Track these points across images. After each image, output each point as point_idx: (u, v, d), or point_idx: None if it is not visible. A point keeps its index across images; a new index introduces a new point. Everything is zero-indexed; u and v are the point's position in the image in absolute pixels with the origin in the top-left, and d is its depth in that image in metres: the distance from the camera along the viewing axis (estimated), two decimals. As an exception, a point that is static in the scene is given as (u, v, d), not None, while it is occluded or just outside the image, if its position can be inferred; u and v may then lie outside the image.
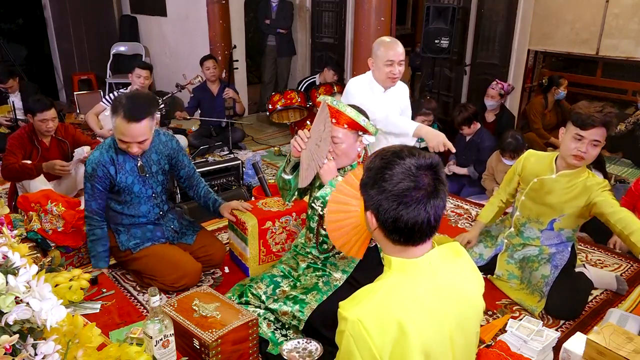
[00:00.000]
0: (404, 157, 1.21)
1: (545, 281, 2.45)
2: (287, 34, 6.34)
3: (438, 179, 1.21)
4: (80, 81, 6.96)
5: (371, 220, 1.26)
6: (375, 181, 1.22)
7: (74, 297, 2.29)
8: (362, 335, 1.16)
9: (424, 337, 1.18)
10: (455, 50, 5.32)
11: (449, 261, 1.31)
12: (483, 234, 2.79)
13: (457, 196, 3.95)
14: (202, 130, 5.25)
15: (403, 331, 1.16)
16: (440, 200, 1.21)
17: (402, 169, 1.20)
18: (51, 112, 3.36)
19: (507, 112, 4.79)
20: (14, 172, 3.28)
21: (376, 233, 1.29)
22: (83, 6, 6.91)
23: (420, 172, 1.20)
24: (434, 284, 1.25)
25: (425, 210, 1.19)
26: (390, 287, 1.23)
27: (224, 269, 2.81)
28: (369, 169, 1.26)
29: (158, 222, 2.63)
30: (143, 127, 2.34)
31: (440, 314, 1.23)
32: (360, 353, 1.17)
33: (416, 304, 1.20)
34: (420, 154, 1.23)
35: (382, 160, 1.23)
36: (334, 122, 2.09)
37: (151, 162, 2.56)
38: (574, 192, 2.38)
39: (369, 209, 1.26)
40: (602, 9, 4.77)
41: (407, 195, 1.18)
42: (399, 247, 1.26)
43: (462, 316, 1.28)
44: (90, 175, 2.46)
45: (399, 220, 1.20)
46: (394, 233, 1.23)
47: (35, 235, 2.63)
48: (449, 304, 1.25)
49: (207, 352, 1.83)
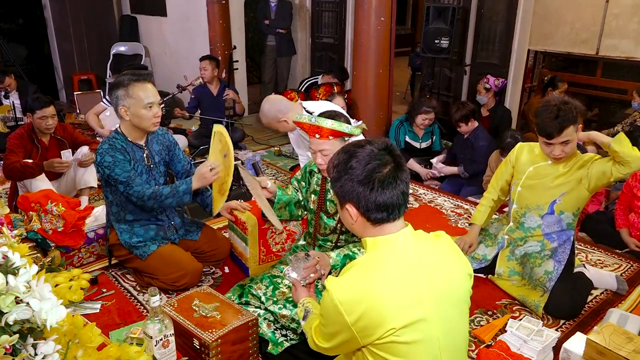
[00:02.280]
0: (363, 145, 1.37)
1: (548, 277, 2.46)
2: (287, 33, 6.34)
3: (397, 155, 1.37)
4: (80, 81, 6.96)
5: (352, 212, 1.37)
6: (345, 172, 1.35)
7: (74, 297, 2.30)
8: (336, 305, 1.29)
9: (395, 307, 1.27)
10: (455, 50, 5.32)
11: (424, 239, 1.42)
12: (482, 234, 2.79)
13: (457, 196, 3.95)
14: (202, 130, 5.24)
15: (372, 303, 1.27)
16: (405, 173, 1.37)
17: (364, 153, 1.35)
18: (50, 109, 3.37)
19: (501, 107, 4.80)
20: (15, 172, 3.28)
21: (357, 223, 1.39)
22: (83, 6, 6.91)
23: (382, 153, 1.35)
24: (406, 257, 1.35)
25: (397, 183, 1.33)
26: (364, 262, 1.35)
27: (224, 269, 2.82)
28: (336, 165, 1.39)
29: (160, 217, 2.63)
30: (154, 88, 2.45)
31: (414, 286, 1.31)
32: (336, 318, 1.31)
33: (387, 277, 1.30)
34: (375, 141, 1.39)
35: (346, 154, 1.37)
36: (318, 137, 2.10)
37: (154, 152, 2.58)
38: (572, 170, 2.44)
39: (346, 203, 1.37)
40: (602, 9, 4.77)
41: (378, 172, 1.32)
42: (378, 227, 1.37)
43: (441, 290, 1.35)
44: (113, 162, 2.38)
45: (378, 200, 1.32)
46: (377, 212, 1.34)
47: (35, 235, 2.63)
48: (423, 276, 1.33)
49: (207, 352, 1.83)
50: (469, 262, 2.70)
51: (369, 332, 1.28)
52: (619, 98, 5.32)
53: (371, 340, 1.29)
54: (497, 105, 4.76)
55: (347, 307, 1.28)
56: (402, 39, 9.12)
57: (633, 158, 2.26)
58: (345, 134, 2.11)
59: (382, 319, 1.26)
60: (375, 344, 1.30)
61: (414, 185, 4.14)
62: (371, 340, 1.29)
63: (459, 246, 2.66)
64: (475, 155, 4.00)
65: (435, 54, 5.14)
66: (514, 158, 2.64)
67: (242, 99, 5.40)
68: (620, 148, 2.27)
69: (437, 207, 3.76)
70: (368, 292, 1.28)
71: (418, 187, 4.13)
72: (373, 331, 1.28)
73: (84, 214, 2.80)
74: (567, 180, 2.45)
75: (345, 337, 1.33)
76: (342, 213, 1.43)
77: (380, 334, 1.27)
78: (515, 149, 2.67)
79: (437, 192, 4.05)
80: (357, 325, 1.28)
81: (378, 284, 1.29)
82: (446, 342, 1.35)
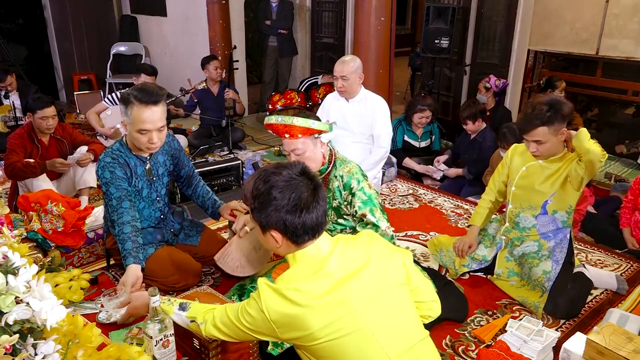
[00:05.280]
0: (280, 172, 1.42)
1: (547, 277, 2.46)
2: (288, 34, 6.33)
3: (313, 176, 1.44)
4: (80, 81, 6.96)
5: (277, 238, 1.43)
6: (268, 203, 1.40)
7: (74, 297, 2.30)
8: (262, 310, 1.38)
9: (317, 313, 1.34)
10: (455, 50, 5.32)
11: (342, 241, 1.48)
12: (481, 234, 2.79)
13: (457, 196, 3.95)
14: (202, 130, 5.24)
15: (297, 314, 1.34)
16: (322, 189, 1.44)
17: (283, 181, 1.40)
18: (51, 109, 3.37)
19: (501, 108, 4.81)
20: (17, 171, 3.28)
21: (282, 246, 1.45)
22: (83, 6, 6.91)
23: (299, 177, 1.41)
24: (324, 262, 1.41)
25: (319, 204, 1.41)
26: (288, 277, 1.41)
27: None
28: (256, 196, 1.42)
29: (158, 225, 2.62)
30: (160, 111, 2.30)
31: (335, 286, 1.38)
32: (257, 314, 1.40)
33: (309, 286, 1.37)
34: (289, 165, 1.45)
35: (266, 183, 1.41)
36: (288, 137, 2.10)
37: (158, 164, 2.54)
38: (560, 170, 2.46)
39: (270, 230, 1.43)
40: (602, 9, 4.77)
41: (302, 200, 1.38)
42: (302, 245, 1.44)
43: (364, 281, 1.41)
44: (111, 179, 2.33)
45: (305, 223, 1.39)
46: (303, 235, 1.41)
47: (35, 235, 2.63)
48: (343, 274, 1.40)
49: (207, 352, 1.83)
50: (469, 262, 2.73)
51: (290, 332, 1.38)
52: (619, 98, 5.32)
53: (289, 337, 1.38)
54: (497, 106, 4.76)
55: (273, 316, 1.37)
56: (402, 39, 9.12)
57: (584, 151, 2.24)
58: (315, 131, 2.11)
59: (306, 326, 1.34)
60: (299, 345, 1.41)
61: (414, 185, 4.14)
62: (289, 337, 1.38)
63: (459, 247, 2.70)
64: (483, 155, 3.99)
65: (435, 54, 5.14)
66: (508, 159, 2.66)
67: (242, 99, 5.40)
68: (576, 142, 2.27)
69: (437, 207, 3.75)
70: (291, 310, 1.35)
71: (418, 187, 4.12)
72: (295, 333, 1.37)
73: (84, 214, 2.80)
74: (556, 180, 2.47)
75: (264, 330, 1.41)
76: (265, 238, 1.48)
77: (300, 335, 1.36)
78: (509, 150, 2.70)
79: (437, 192, 4.05)
80: (278, 323, 1.37)
81: (302, 296, 1.35)
82: (383, 328, 1.39)
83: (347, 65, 3.35)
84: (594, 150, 2.23)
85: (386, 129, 3.52)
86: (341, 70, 3.36)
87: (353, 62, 3.37)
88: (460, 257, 2.71)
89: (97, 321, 2.20)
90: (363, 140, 3.55)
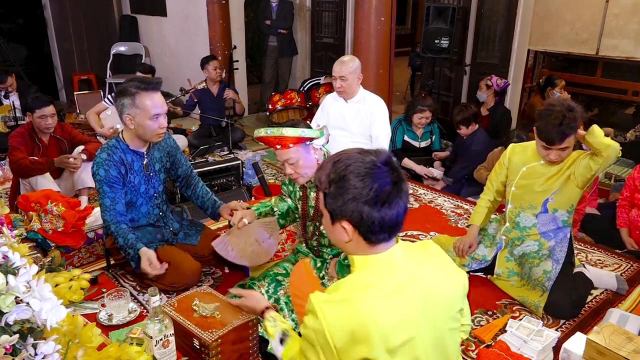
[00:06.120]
0: (364, 158, 1.23)
1: (547, 276, 2.46)
2: (288, 34, 6.33)
3: (394, 166, 1.24)
4: (80, 81, 6.96)
5: (349, 230, 1.24)
6: (346, 190, 1.20)
7: (74, 297, 2.29)
8: (319, 321, 1.21)
9: (381, 328, 1.18)
10: (455, 50, 5.33)
11: (415, 252, 1.33)
12: (481, 234, 2.79)
13: (457, 196, 3.95)
14: (202, 130, 5.25)
15: (361, 327, 1.17)
16: (405, 183, 1.24)
17: (365, 170, 1.20)
18: (50, 108, 3.38)
19: (501, 107, 4.81)
20: (24, 167, 3.28)
21: (352, 242, 1.26)
22: (83, 6, 6.91)
23: (383, 166, 1.21)
24: (397, 277, 1.25)
25: (402, 201, 1.22)
26: (353, 282, 1.25)
27: (224, 269, 2.81)
28: (333, 180, 1.23)
29: (158, 223, 2.62)
30: (162, 97, 2.38)
31: (405, 305, 1.23)
32: (316, 335, 1.23)
33: (377, 298, 1.21)
34: (373, 152, 1.25)
35: (346, 169, 1.22)
36: (279, 148, 2.11)
37: (154, 160, 2.55)
38: (563, 169, 2.47)
39: (342, 220, 1.23)
40: (602, 9, 4.78)
41: (384, 192, 1.19)
42: (374, 246, 1.26)
43: (433, 305, 1.27)
44: (105, 178, 2.36)
45: (384, 219, 1.20)
46: (380, 233, 1.23)
47: (35, 235, 2.63)
48: (415, 294, 1.25)
49: (207, 352, 1.83)
50: (469, 262, 2.73)
51: (351, 354, 1.20)
52: (619, 98, 5.33)
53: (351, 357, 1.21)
54: (496, 105, 4.76)
55: (334, 331, 1.19)
56: (402, 39, 9.13)
57: (604, 146, 2.29)
58: (306, 139, 2.11)
59: (370, 344, 1.17)
60: None
61: (413, 185, 4.14)
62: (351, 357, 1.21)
63: (459, 247, 2.70)
64: (467, 156, 4.00)
65: (435, 54, 5.14)
66: (506, 160, 2.66)
67: (242, 99, 5.40)
68: (592, 139, 2.31)
69: (437, 207, 3.75)
70: (357, 315, 1.18)
71: (418, 187, 4.12)
72: (357, 353, 1.19)
73: (84, 214, 2.80)
74: (558, 179, 2.47)
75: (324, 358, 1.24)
76: (334, 229, 1.28)
77: (363, 355, 1.19)
78: (507, 150, 2.69)
79: (437, 192, 4.05)
80: (340, 350, 1.20)
81: (367, 307, 1.19)
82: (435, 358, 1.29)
83: (346, 66, 3.35)
84: (613, 145, 2.28)
85: (384, 129, 3.52)
86: (340, 70, 3.37)
87: (352, 62, 3.37)
88: (461, 257, 2.71)
89: (97, 321, 2.21)
90: (362, 140, 3.55)
